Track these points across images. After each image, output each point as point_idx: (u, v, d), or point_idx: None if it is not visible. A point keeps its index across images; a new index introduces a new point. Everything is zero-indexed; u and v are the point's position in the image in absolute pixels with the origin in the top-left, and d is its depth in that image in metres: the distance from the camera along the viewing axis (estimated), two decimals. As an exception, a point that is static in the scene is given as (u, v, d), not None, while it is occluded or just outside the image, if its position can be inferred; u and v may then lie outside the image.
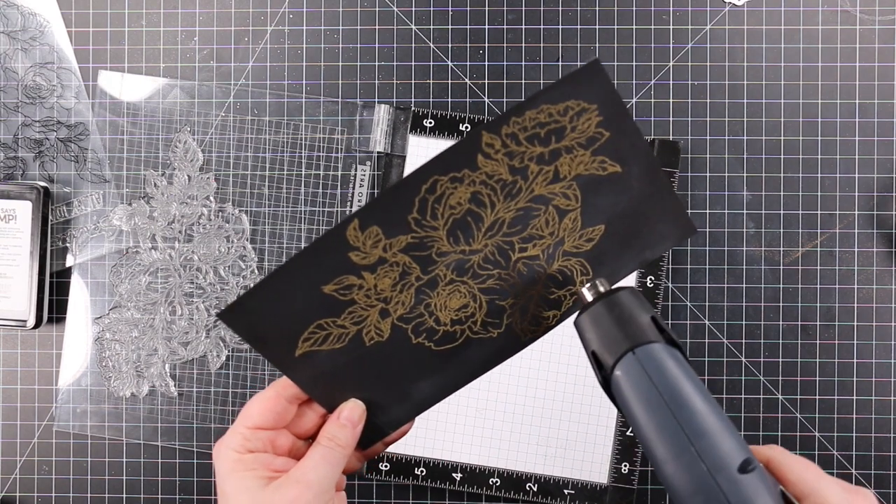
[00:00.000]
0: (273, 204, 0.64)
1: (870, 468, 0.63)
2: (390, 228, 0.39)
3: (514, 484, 0.62)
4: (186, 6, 0.65)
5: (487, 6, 0.64)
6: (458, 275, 0.42)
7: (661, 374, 0.37)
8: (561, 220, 0.42)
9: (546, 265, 0.43)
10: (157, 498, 0.64)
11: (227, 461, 0.40)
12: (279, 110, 0.64)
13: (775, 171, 0.64)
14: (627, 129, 0.40)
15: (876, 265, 0.63)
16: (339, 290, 0.40)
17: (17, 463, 0.65)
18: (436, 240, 0.40)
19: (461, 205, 0.40)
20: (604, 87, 0.39)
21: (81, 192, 0.65)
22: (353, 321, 0.41)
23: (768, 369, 0.63)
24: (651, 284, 0.62)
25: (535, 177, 0.40)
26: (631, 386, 0.38)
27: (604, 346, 0.39)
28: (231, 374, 0.64)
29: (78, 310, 0.65)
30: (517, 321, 0.44)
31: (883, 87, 0.63)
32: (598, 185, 0.42)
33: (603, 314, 0.40)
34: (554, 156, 0.40)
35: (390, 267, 0.40)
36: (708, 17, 0.64)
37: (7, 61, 0.65)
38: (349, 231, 0.38)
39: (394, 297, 0.41)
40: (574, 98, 0.38)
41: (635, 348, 0.38)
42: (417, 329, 0.43)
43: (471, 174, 0.39)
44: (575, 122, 0.39)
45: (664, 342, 0.39)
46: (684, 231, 0.45)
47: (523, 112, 0.38)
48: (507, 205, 0.41)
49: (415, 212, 0.39)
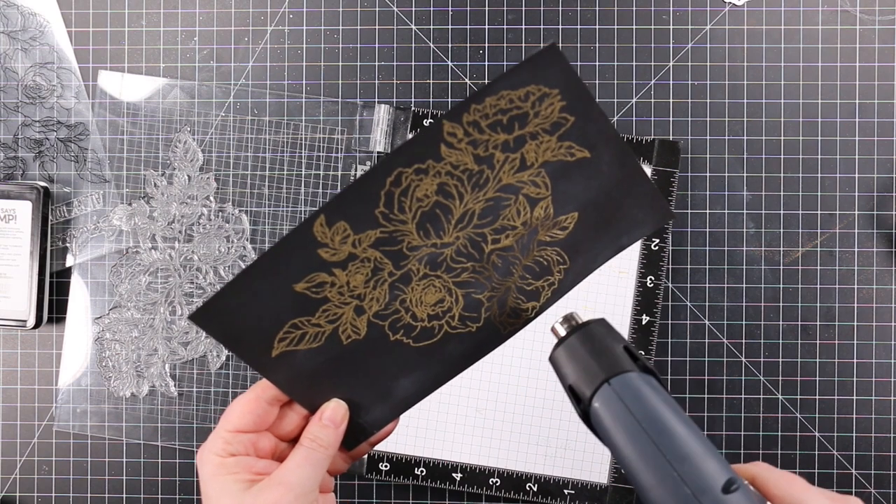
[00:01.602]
0: (273, 204, 0.64)
1: (870, 468, 0.63)
2: (358, 223, 0.38)
3: (514, 484, 0.62)
4: (186, 6, 0.65)
5: (487, 6, 0.64)
6: (431, 269, 0.41)
7: (638, 402, 0.38)
8: (532, 209, 0.42)
9: (521, 256, 0.43)
10: (157, 498, 0.64)
11: (210, 465, 0.40)
12: (279, 110, 0.64)
13: (775, 171, 0.64)
14: (592, 114, 0.40)
15: (876, 265, 0.63)
16: (310, 289, 0.39)
17: (17, 463, 0.65)
18: (406, 234, 0.40)
19: (428, 197, 0.39)
20: (564, 72, 0.38)
21: (81, 192, 0.65)
22: (328, 319, 0.41)
23: (768, 369, 0.63)
24: (651, 284, 0.62)
25: (502, 165, 0.40)
26: (609, 416, 0.38)
27: (580, 379, 0.40)
28: (231, 374, 0.64)
29: (78, 310, 0.65)
30: (496, 314, 0.44)
31: (883, 87, 0.63)
32: (568, 171, 0.41)
33: (577, 347, 0.40)
34: (519, 143, 0.39)
35: (361, 263, 0.40)
36: (708, 17, 0.64)
37: (7, 61, 0.65)
38: (316, 227, 0.38)
39: (367, 294, 0.41)
40: (534, 83, 0.38)
41: (610, 379, 0.39)
42: (394, 326, 0.42)
43: (435, 165, 0.38)
44: (537, 108, 0.39)
45: (639, 370, 0.39)
46: (661, 215, 0.45)
47: (483, 99, 0.37)
48: (475, 195, 0.40)
49: (381, 206, 0.38)
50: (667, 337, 0.63)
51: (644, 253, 0.62)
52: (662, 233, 0.62)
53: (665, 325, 0.63)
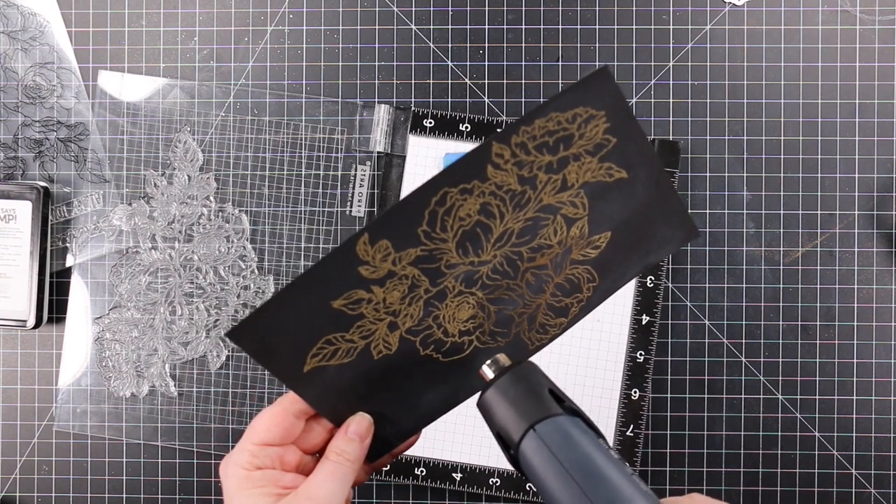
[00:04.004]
0: (273, 204, 0.64)
1: (870, 468, 0.63)
2: (400, 242, 0.38)
3: (514, 484, 0.62)
4: (186, 6, 0.65)
5: (487, 6, 0.64)
6: (466, 286, 0.41)
7: (563, 447, 0.37)
8: (569, 229, 0.42)
9: (554, 274, 0.43)
10: (157, 498, 0.64)
11: (235, 478, 0.40)
12: (279, 110, 0.64)
13: (775, 171, 0.64)
14: (634, 135, 0.40)
15: (876, 265, 0.63)
16: (348, 305, 0.39)
17: (17, 463, 0.65)
18: (445, 252, 0.40)
19: (471, 216, 0.39)
20: (612, 94, 0.38)
21: (81, 192, 0.65)
22: (362, 335, 0.40)
23: (768, 369, 0.63)
24: (651, 284, 0.62)
25: (544, 186, 0.40)
26: (536, 462, 0.38)
27: (507, 425, 0.39)
28: (231, 374, 0.64)
29: (78, 310, 0.65)
30: (525, 330, 0.44)
31: (883, 87, 0.63)
32: (605, 192, 0.41)
33: (504, 390, 0.40)
34: (562, 164, 0.40)
35: (399, 280, 0.39)
36: (708, 17, 0.64)
37: (7, 61, 0.65)
38: (359, 246, 0.37)
39: (402, 310, 0.41)
40: (582, 105, 0.38)
41: (536, 425, 0.38)
42: (426, 341, 0.42)
43: (480, 185, 0.38)
44: (583, 130, 0.39)
45: (565, 413, 0.39)
46: (688, 234, 0.45)
47: (532, 121, 0.38)
48: (515, 215, 0.40)
49: (425, 224, 0.38)
50: (667, 337, 0.63)
51: (644, 253, 0.62)
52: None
53: (665, 325, 0.63)
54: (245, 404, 0.64)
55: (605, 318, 0.63)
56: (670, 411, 0.63)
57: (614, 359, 0.63)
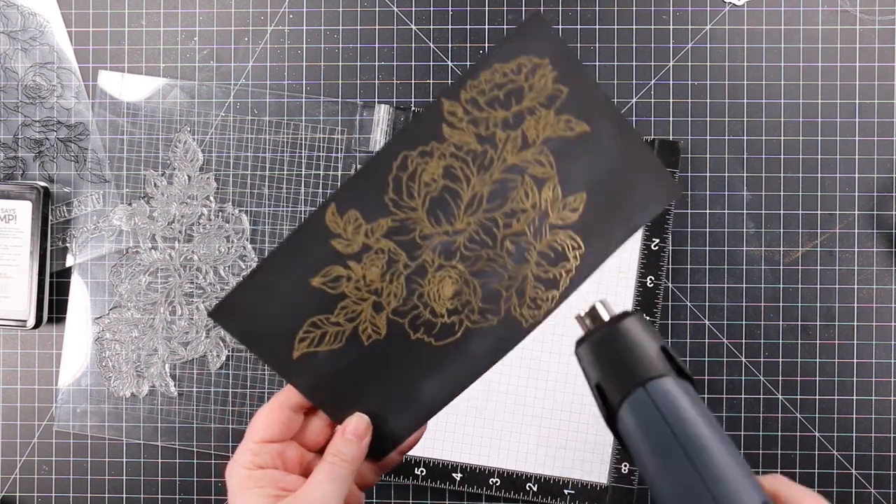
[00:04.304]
0: (273, 204, 0.64)
1: (870, 468, 0.63)
2: (369, 211, 0.39)
3: (514, 484, 0.62)
4: (186, 6, 0.65)
5: (487, 6, 0.64)
6: (445, 258, 0.41)
7: (675, 412, 0.34)
8: (540, 190, 0.41)
9: (534, 241, 0.42)
10: (157, 498, 0.64)
11: (237, 478, 0.40)
12: (279, 110, 0.64)
13: (775, 171, 0.64)
14: (584, 83, 0.40)
15: (876, 265, 0.63)
16: (327, 283, 0.39)
17: (17, 463, 0.65)
18: (417, 221, 0.40)
19: (436, 181, 0.39)
20: (550, 40, 0.38)
21: (81, 192, 0.65)
22: (348, 317, 0.41)
23: (768, 369, 0.63)
24: (651, 284, 0.62)
25: (504, 144, 0.40)
26: (640, 424, 0.35)
27: (609, 379, 0.36)
28: (231, 374, 0.64)
29: (78, 310, 0.65)
30: (515, 305, 0.44)
31: (883, 87, 0.63)
32: (570, 147, 0.41)
33: (607, 343, 0.36)
34: (518, 119, 0.39)
35: (375, 255, 0.40)
36: (708, 17, 0.64)
37: (7, 61, 0.65)
38: (328, 216, 0.38)
39: (384, 289, 0.41)
40: (524, 54, 0.38)
41: (646, 383, 0.35)
42: (414, 323, 0.42)
43: (439, 146, 0.39)
44: (531, 80, 0.39)
45: (675, 375, 0.35)
46: (669, 191, 0.44)
47: (477, 74, 0.38)
48: (482, 178, 0.40)
49: (390, 192, 0.39)
50: (667, 337, 0.63)
51: (644, 253, 0.62)
52: (662, 233, 0.62)
53: (665, 325, 0.63)
54: (245, 404, 0.64)
55: (605, 318, 0.63)
56: (670, 411, 0.63)
57: (614, 359, 0.62)
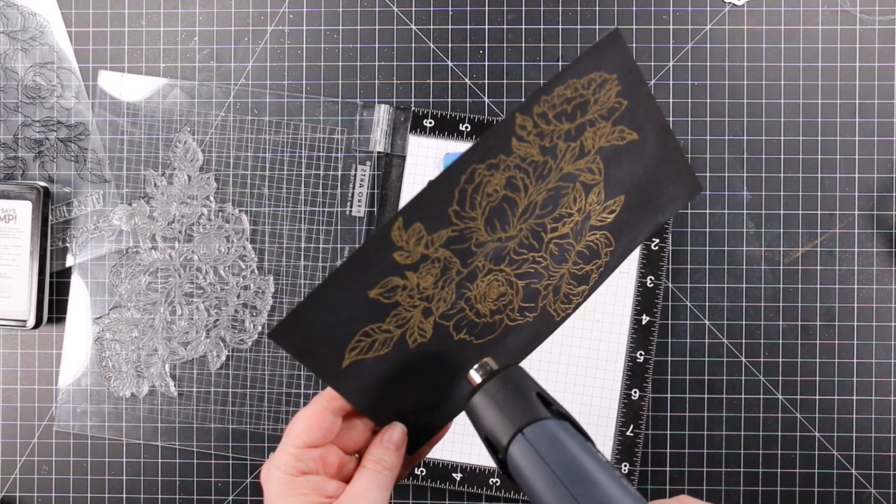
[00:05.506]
0: (273, 204, 0.64)
1: (870, 468, 0.63)
2: (432, 223, 0.38)
3: (514, 484, 0.62)
4: (186, 6, 0.65)
5: (487, 6, 0.64)
6: (495, 263, 0.41)
7: (552, 450, 0.37)
8: (587, 196, 0.42)
9: (575, 242, 0.43)
10: (157, 498, 0.64)
11: (278, 484, 0.39)
12: (279, 110, 0.64)
13: (775, 171, 0.64)
14: (642, 95, 0.41)
15: (876, 265, 0.63)
16: (383, 294, 0.39)
17: (17, 463, 0.65)
18: (474, 230, 0.40)
19: (497, 192, 0.39)
20: (623, 57, 0.39)
21: (81, 192, 0.65)
22: (397, 324, 0.40)
23: (768, 369, 0.63)
24: (651, 284, 0.62)
25: (564, 154, 0.40)
26: (525, 466, 0.38)
27: (495, 429, 0.39)
28: (231, 374, 0.64)
29: (78, 310, 0.65)
30: (551, 301, 0.44)
31: (883, 87, 0.63)
32: (618, 155, 0.42)
33: (491, 395, 0.39)
34: (580, 131, 0.40)
35: (432, 264, 0.39)
36: (708, 17, 0.64)
37: (7, 61, 0.65)
38: (394, 231, 0.37)
39: (436, 295, 0.40)
40: (596, 70, 0.39)
41: (524, 428, 0.38)
42: (458, 325, 0.42)
43: (506, 159, 0.39)
44: (597, 94, 0.40)
45: (553, 417, 0.38)
46: (692, 190, 0.46)
47: (552, 89, 0.38)
48: (538, 187, 0.40)
49: (455, 203, 0.38)
50: (667, 337, 0.63)
51: (644, 253, 0.62)
52: (662, 233, 0.62)
53: (665, 325, 0.63)
54: (245, 404, 0.64)
55: (605, 318, 0.63)
56: (670, 411, 0.63)
57: (614, 359, 0.63)
